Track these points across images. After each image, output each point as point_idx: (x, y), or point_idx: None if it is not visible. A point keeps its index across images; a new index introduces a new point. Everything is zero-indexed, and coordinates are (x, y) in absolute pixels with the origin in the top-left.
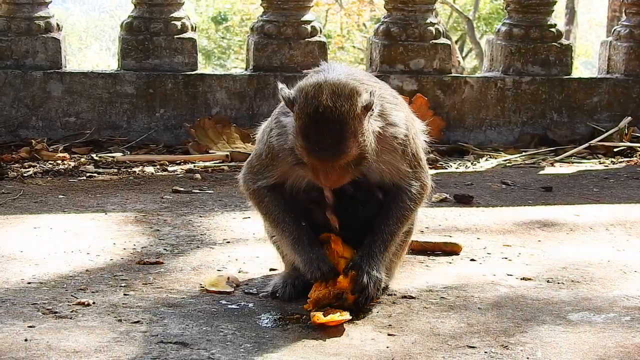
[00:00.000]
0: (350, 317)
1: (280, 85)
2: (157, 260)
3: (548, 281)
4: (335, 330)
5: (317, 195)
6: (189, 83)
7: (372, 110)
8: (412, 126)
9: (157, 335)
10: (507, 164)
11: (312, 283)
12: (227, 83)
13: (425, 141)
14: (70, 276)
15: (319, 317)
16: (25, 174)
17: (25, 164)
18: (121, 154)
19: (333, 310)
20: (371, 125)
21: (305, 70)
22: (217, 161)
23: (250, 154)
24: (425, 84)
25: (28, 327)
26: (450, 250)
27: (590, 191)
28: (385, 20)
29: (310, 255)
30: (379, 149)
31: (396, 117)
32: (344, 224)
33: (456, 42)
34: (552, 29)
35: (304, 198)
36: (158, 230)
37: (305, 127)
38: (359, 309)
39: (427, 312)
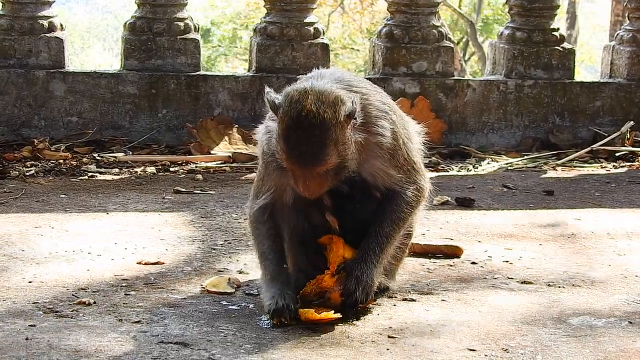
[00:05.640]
0: (340, 316)
1: (267, 89)
2: (158, 260)
3: (549, 285)
4: (325, 327)
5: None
6: (192, 84)
7: (355, 119)
8: (402, 131)
9: (158, 336)
10: (509, 168)
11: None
12: (229, 84)
13: (423, 144)
14: (72, 275)
15: (312, 313)
16: (27, 173)
17: (27, 163)
18: (123, 154)
19: (323, 309)
20: (353, 135)
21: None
22: (219, 162)
23: (251, 155)
24: (427, 87)
25: (29, 326)
26: (451, 253)
27: (592, 195)
28: (388, 22)
29: (275, 291)
30: (365, 156)
31: (381, 126)
32: (344, 225)
33: (458, 43)
34: (555, 33)
35: (302, 202)
36: (159, 230)
37: (286, 131)
38: (346, 311)
39: (428, 314)
